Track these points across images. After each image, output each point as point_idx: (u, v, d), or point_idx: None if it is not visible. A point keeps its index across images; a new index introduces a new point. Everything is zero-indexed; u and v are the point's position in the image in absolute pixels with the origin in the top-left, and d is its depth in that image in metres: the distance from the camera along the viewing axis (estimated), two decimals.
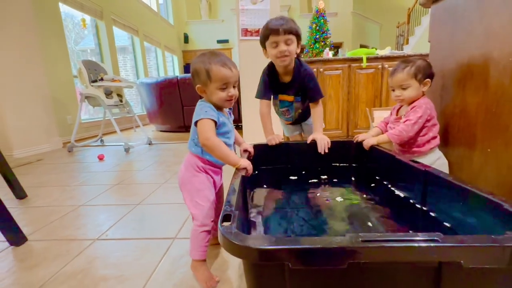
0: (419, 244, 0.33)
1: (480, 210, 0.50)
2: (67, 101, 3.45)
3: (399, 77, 0.92)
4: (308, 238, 0.34)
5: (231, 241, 0.35)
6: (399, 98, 0.95)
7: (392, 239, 0.34)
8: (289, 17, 1.05)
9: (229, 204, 0.47)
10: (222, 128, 0.75)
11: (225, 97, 0.73)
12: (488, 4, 0.76)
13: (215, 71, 0.70)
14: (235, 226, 0.38)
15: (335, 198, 0.89)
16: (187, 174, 0.77)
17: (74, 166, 2.20)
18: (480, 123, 0.80)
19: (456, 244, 0.33)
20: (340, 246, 0.33)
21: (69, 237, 1.03)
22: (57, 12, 3.41)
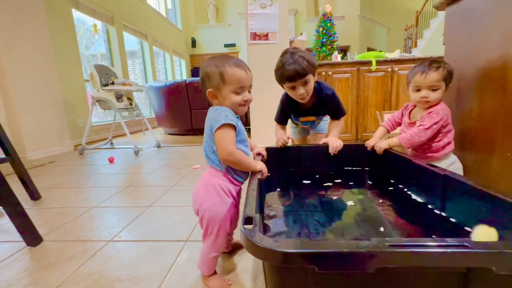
0: (448, 249, 0.33)
1: (505, 216, 0.49)
2: (78, 104, 3.53)
3: (433, 76, 0.86)
4: (334, 241, 0.34)
5: (256, 243, 0.35)
6: (425, 100, 0.89)
7: (421, 244, 0.33)
8: (300, 50, 1.00)
9: (249, 207, 0.47)
10: (240, 135, 0.68)
11: (239, 102, 0.66)
12: (506, 7, 0.75)
13: (230, 72, 0.64)
14: (258, 229, 0.38)
15: (349, 202, 0.88)
16: (208, 201, 0.67)
17: (85, 168, 2.24)
18: (499, 127, 0.78)
19: (487, 250, 0.32)
20: (368, 251, 0.32)
21: (83, 238, 1.05)
22: (70, 18, 3.50)
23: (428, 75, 0.87)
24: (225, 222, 0.68)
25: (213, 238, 0.69)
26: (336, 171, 1.05)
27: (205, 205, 0.67)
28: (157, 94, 4.03)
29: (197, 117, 3.91)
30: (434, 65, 0.87)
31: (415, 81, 0.91)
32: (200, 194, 0.69)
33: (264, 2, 2.37)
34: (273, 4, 2.37)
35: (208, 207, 0.67)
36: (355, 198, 0.90)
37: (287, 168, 1.08)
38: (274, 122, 1.33)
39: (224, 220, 0.68)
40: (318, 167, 1.06)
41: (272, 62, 2.71)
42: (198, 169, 2.04)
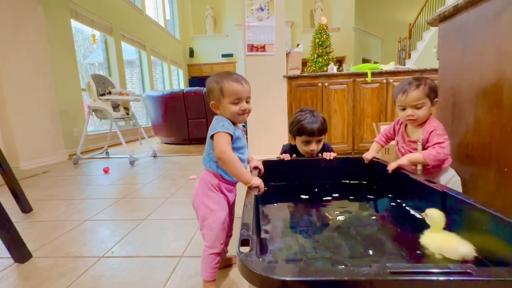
0: (452, 277, 0.32)
1: (504, 235, 0.48)
2: (75, 113, 3.50)
3: (414, 95, 0.87)
4: (334, 268, 0.33)
5: (252, 270, 0.34)
6: (412, 118, 0.89)
7: (423, 271, 0.32)
8: (318, 113, 1.11)
9: (246, 227, 0.46)
10: (237, 143, 0.76)
11: (237, 111, 0.74)
12: (498, 24, 0.77)
13: (228, 86, 0.73)
14: (255, 253, 0.37)
15: (347, 217, 0.87)
16: (202, 193, 0.77)
17: (80, 179, 2.20)
18: (495, 142, 0.79)
19: (491, 278, 0.31)
20: (368, 279, 0.31)
21: (74, 254, 1.01)
22: (68, 28, 3.52)
23: (409, 94, 0.87)
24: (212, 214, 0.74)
25: (206, 232, 0.75)
26: (334, 185, 1.04)
27: (199, 200, 0.77)
28: (154, 104, 4.03)
29: (194, 127, 3.90)
30: (415, 84, 0.87)
31: (398, 101, 0.92)
32: (196, 189, 0.79)
33: (261, 15, 2.41)
34: (270, 17, 2.41)
35: (198, 199, 0.77)
36: (353, 213, 0.89)
37: (284, 182, 1.06)
38: (271, 131, 1.35)
39: (210, 212, 0.74)
40: (315, 181, 1.05)
41: (269, 73, 2.74)
42: (194, 179, 2.01)
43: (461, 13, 0.89)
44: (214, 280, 0.76)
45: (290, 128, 1.16)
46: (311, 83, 2.55)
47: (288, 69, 2.61)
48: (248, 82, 0.76)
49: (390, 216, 0.84)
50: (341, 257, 0.67)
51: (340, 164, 1.07)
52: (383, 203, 0.92)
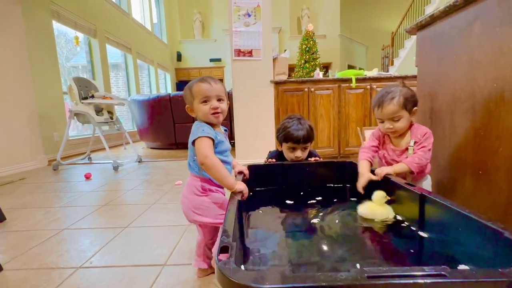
0: (427, 279, 0.32)
1: (479, 237, 0.50)
2: (55, 117, 3.37)
3: (390, 109, 0.86)
4: (312, 274, 0.33)
5: (230, 278, 0.33)
6: (391, 130, 0.89)
7: (399, 274, 0.33)
8: (305, 121, 1.12)
9: (226, 233, 0.45)
10: (220, 147, 0.77)
11: (208, 110, 0.75)
12: (470, 35, 0.81)
13: (195, 87, 0.76)
14: (234, 260, 0.36)
15: (332, 220, 0.87)
16: (195, 195, 0.77)
17: (59, 186, 2.11)
18: (470, 146, 0.82)
19: (464, 279, 0.32)
20: (345, 284, 0.31)
21: (49, 266, 0.96)
22: (49, 29, 3.41)
23: (384, 109, 0.87)
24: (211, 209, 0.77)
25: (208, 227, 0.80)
26: (319, 188, 1.05)
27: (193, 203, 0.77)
28: (139, 108, 3.95)
29: (181, 131, 3.85)
30: (388, 97, 0.86)
31: (376, 114, 0.92)
32: (186, 196, 0.79)
33: (248, 21, 2.43)
34: (257, 22, 2.43)
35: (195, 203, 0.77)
36: (338, 216, 0.89)
37: (270, 186, 1.06)
38: (258, 135, 1.37)
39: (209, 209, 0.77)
40: (300, 184, 1.06)
41: (256, 78, 2.75)
42: (180, 185, 1.98)
43: (437, 23, 0.94)
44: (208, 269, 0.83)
45: (277, 135, 1.17)
46: (297, 88, 2.58)
47: (275, 74, 2.64)
48: (219, 82, 0.78)
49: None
50: (326, 262, 0.67)
51: (324, 168, 1.08)
52: None
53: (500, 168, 0.72)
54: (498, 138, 0.72)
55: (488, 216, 0.49)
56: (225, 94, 0.79)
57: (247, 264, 0.63)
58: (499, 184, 0.72)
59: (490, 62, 0.74)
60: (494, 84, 0.73)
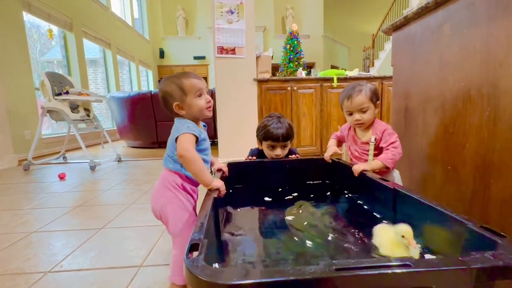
0: (393, 270, 0.33)
1: (446, 228, 0.52)
2: (27, 115, 3.18)
3: (359, 100, 0.90)
4: (280, 269, 0.32)
5: (197, 276, 0.32)
6: (359, 122, 0.93)
7: (366, 266, 0.33)
8: (284, 118, 1.13)
9: (198, 231, 0.44)
10: (203, 145, 0.76)
11: (204, 104, 0.74)
12: (440, 36, 0.85)
13: (187, 83, 0.72)
14: (203, 257, 0.35)
15: (311, 217, 0.88)
16: (167, 193, 0.73)
17: (30, 187, 1.99)
18: (440, 143, 0.86)
19: (427, 268, 0.33)
20: (314, 277, 0.31)
21: (14, 271, 0.90)
22: (20, 21, 3.20)
23: (354, 100, 0.91)
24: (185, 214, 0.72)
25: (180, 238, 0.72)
26: (298, 186, 1.05)
27: (163, 200, 0.73)
28: (119, 105, 3.81)
29: (163, 129, 3.76)
30: (357, 89, 0.92)
31: (345, 106, 0.96)
32: (157, 191, 0.75)
33: (230, 18, 2.40)
34: (240, 20, 2.42)
35: (168, 199, 0.72)
36: (316, 213, 0.90)
37: (250, 184, 1.06)
38: (241, 134, 1.35)
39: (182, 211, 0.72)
40: (280, 182, 1.06)
41: (239, 76, 2.74)
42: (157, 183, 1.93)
43: (411, 24, 0.97)
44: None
45: (257, 133, 1.17)
46: (280, 86, 2.60)
47: (258, 73, 2.63)
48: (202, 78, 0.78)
49: (351, 215, 0.87)
50: (302, 258, 0.67)
51: (304, 165, 1.09)
52: (344, 202, 0.96)
53: (467, 163, 0.75)
54: (465, 134, 0.76)
55: (455, 208, 0.51)
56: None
57: (225, 262, 0.62)
58: (465, 178, 0.76)
59: (458, 62, 0.77)
60: (461, 83, 0.76)
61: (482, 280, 0.33)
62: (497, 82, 0.65)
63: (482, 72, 0.69)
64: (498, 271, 0.34)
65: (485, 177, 0.70)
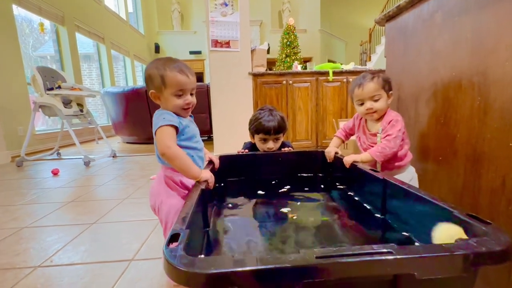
0: (374, 257, 0.32)
1: (434, 217, 0.51)
2: (19, 110, 3.13)
3: (370, 87, 0.86)
4: (261, 257, 0.32)
5: (175, 266, 0.31)
6: (371, 111, 0.88)
7: (347, 253, 0.32)
8: (277, 111, 1.11)
9: (180, 221, 0.43)
10: (187, 133, 0.71)
11: (181, 105, 0.68)
12: (431, 25, 0.84)
13: (171, 76, 0.66)
14: (182, 247, 0.34)
15: (303, 209, 0.88)
16: (162, 192, 0.70)
17: (22, 183, 1.97)
18: (432, 133, 0.85)
19: (408, 255, 0.32)
20: (293, 265, 0.30)
21: (3, 266, 0.89)
22: (9, 14, 3.14)
23: (365, 87, 0.87)
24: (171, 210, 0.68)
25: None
26: (291, 178, 1.05)
27: (160, 199, 0.70)
28: (114, 101, 3.77)
29: None
30: (369, 76, 0.89)
31: (356, 96, 0.92)
32: (155, 188, 0.72)
33: (225, 10, 2.37)
34: (234, 12, 2.38)
35: (163, 200, 0.69)
36: (309, 206, 0.90)
37: (242, 177, 1.05)
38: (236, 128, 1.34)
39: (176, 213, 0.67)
40: (273, 175, 1.05)
41: (234, 70, 2.71)
42: (155, 179, 1.91)
43: (403, 14, 0.96)
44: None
45: (249, 126, 1.16)
46: (276, 80, 2.58)
47: (253, 66, 2.61)
48: (193, 73, 0.71)
49: (342, 207, 0.87)
50: (294, 249, 0.66)
51: (297, 158, 1.08)
52: (337, 195, 0.95)
53: (458, 154, 0.75)
54: (456, 125, 0.75)
55: (447, 199, 0.51)
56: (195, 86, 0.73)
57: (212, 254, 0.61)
58: (456, 169, 0.76)
59: (449, 51, 0.76)
60: (452, 72, 0.75)
61: (466, 266, 0.33)
62: (488, 70, 0.64)
63: (473, 61, 0.68)
64: (482, 257, 0.33)
65: (475, 167, 0.69)
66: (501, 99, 0.61)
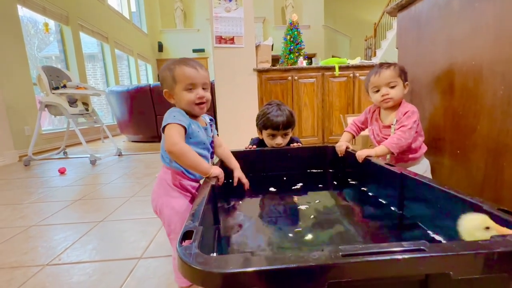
0: (405, 255, 0.30)
1: (458, 212, 0.48)
2: (26, 110, 3.15)
3: (387, 73, 0.86)
4: (282, 256, 0.29)
5: (190, 265, 0.29)
6: (387, 97, 0.87)
7: (375, 251, 0.30)
8: (285, 106, 1.08)
9: (192, 218, 0.41)
10: (194, 138, 0.68)
11: (193, 99, 0.66)
12: (449, 13, 0.80)
13: (179, 71, 0.66)
14: (197, 244, 0.32)
15: (314, 205, 0.85)
16: (163, 194, 0.69)
17: (30, 182, 1.98)
18: (449, 126, 0.82)
19: (443, 253, 0.30)
20: (318, 264, 0.28)
21: (12, 265, 0.89)
22: (15, 15, 3.15)
23: (382, 73, 0.87)
24: (178, 216, 0.67)
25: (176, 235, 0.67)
26: (301, 174, 1.02)
27: (160, 202, 0.68)
28: (118, 100, 3.78)
29: None
30: (386, 65, 0.89)
31: (372, 83, 0.91)
32: (156, 192, 0.71)
33: (229, 6, 2.34)
34: (238, 8, 2.35)
35: (164, 202, 0.68)
36: (321, 201, 0.87)
37: (251, 173, 1.03)
38: (241, 124, 1.31)
39: (176, 214, 0.67)
40: (282, 171, 1.03)
41: (239, 66, 2.68)
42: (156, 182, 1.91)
43: (417, 2, 0.92)
44: (191, 285, 0.69)
45: (257, 122, 1.13)
46: (281, 76, 2.54)
47: (258, 62, 2.58)
48: (205, 68, 0.69)
49: (357, 203, 0.84)
50: (308, 247, 0.64)
51: (306, 153, 1.05)
52: (349, 190, 0.92)
53: (477, 147, 0.72)
54: (476, 116, 0.72)
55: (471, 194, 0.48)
56: (209, 82, 0.71)
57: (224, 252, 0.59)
58: (476, 163, 0.72)
59: (468, 39, 0.72)
60: (472, 62, 0.72)
61: (505, 264, 0.30)
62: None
63: (496, 49, 0.65)
64: None
65: (497, 161, 0.66)
66: None
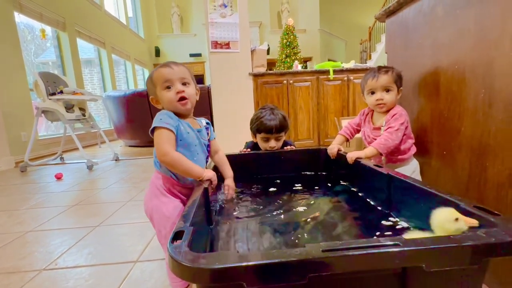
0: (381, 250, 0.32)
1: None
2: (22, 116, 3.16)
3: (384, 78, 0.89)
4: (266, 252, 0.31)
5: (180, 262, 0.31)
6: (381, 102, 0.90)
7: (354, 246, 0.32)
8: (278, 110, 1.11)
9: (184, 219, 0.42)
10: (184, 140, 0.68)
11: (173, 97, 0.67)
12: (433, 19, 0.83)
13: (155, 74, 0.68)
14: (186, 244, 0.34)
15: (308, 207, 0.87)
16: (154, 200, 0.69)
17: (26, 187, 1.98)
18: (435, 128, 0.84)
19: (416, 247, 0.32)
20: (299, 259, 0.30)
21: (9, 270, 0.89)
22: (11, 21, 3.17)
23: (379, 77, 0.90)
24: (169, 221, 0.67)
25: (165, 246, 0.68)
26: (294, 177, 1.04)
27: (150, 206, 0.70)
28: (115, 104, 3.79)
29: None
30: (383, 69, 0.91)
31: (368, 86, 0.93)
32: (147, 196, 0.72)
33: (224, 12, 2.37)
34: (233, 13, 2.39)
35: (153, 207, 0.69)
36: (312, 203, 0.89)
37: (245, 175, 1.04)
38: (237, 128, 1.34)
39: (166, 219, 0.67)
40: (275, 173, 1.05)
41: (234, 71, 2.71)
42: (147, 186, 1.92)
43: (404, 8, 0.95)
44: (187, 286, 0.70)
45: (251, 126, 1.15)
46: (276, 80, 2.58)
47: (253, 67, 2.61)
48: (181, 64, 0.70)
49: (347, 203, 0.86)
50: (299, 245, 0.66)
51: (299, 156, 1.08)
52: (340, 191, 0.94)
53: (462, 148, 0.74)
54: (460, 118, 0.74)
55: (452, 193, 0.50)
56: (191, 77, 0.71)
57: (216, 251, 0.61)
58: (461, 163, 0.75)
59: (451, 44, 0.75)
60: (455, 65, 0.75)
61: (475, 258, 0.32)
62: (492, 62, 0.64)
63: (476, 53, 0.68)
64: (491, 248, 0.32)
65: (481, 161, 0.68)
66: (506, 91, 0.61)
